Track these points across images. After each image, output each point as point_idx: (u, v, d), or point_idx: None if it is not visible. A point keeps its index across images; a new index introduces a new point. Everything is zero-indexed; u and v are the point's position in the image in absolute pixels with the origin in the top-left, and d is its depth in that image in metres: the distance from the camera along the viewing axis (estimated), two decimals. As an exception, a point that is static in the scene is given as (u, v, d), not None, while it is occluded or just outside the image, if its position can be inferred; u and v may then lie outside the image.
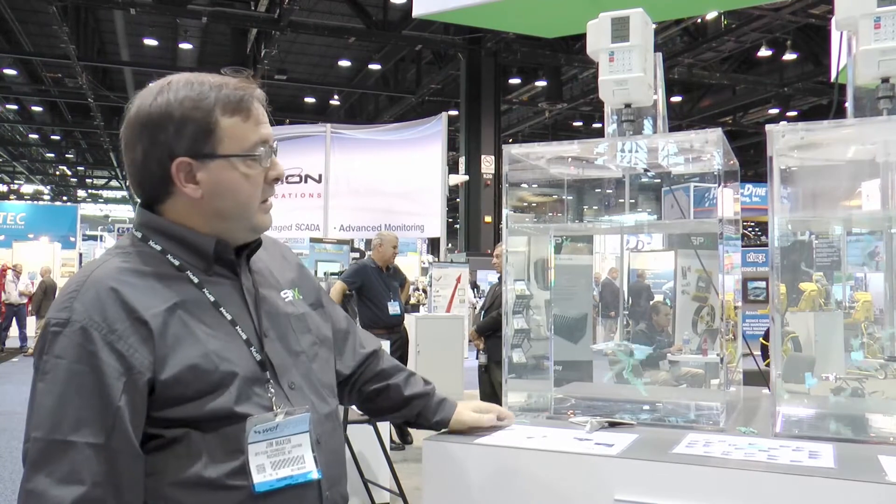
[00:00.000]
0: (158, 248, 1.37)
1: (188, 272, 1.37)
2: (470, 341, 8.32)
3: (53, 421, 1.21)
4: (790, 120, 22.90)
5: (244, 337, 1.37)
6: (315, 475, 1.37)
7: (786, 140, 1.98)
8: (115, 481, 1.21)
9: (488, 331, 6.56)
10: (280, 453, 1.34)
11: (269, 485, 1.30)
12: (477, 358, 6.99)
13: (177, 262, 1.37)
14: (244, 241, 1.45)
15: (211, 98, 1.35)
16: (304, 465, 1.36)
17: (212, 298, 1.36)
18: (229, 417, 1.29)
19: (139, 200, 1.43)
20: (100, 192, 52.29)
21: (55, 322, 1.25)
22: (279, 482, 1.32)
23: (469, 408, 1.86)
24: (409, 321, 8.97)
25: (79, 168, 45.14)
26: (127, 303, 1.27)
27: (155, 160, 1.35)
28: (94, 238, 37.53)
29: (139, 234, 1.40)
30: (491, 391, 6.48)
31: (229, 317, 1.37)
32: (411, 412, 1.79)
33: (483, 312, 7.11)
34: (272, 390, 1.36)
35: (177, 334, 1.29)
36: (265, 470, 1.31)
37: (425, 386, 1.81)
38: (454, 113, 21.86)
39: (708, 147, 2.14)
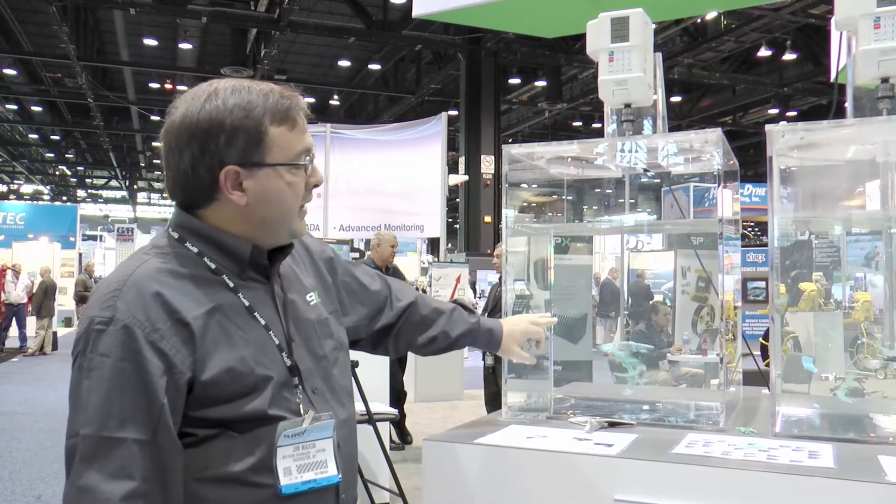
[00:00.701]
0: (195, 250, 1.38)
1: (224, 276, 1.38)
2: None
3: (102, 418, 1.22)
4: (790, 120, 22.82)
5: (276, 342, 1.39)
6: (337, 480, 1.40)
7: (785, 140, 1.98)
8: (162, 476, 1.24)
9: None
10: (305, 457, 1.37)
11: (294, 487, 1.33)
12: (483, 359, 7.03)
13: (213, 266, 1.38)
14: (279, 245, 1.46)
15: (260, 107, 1.35)
16: (327, 469, 1.39)
17: (246, 303, 1.38)
18: (262, 420, 1.32)
19: (176, 202, 1.43)
20: (99, 192, 52.31)
21: (99, 320, 1.26)
22: (303, 485, 1.35)
23: (515, 339, 2.00)
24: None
25: (78, 168, 45.13)
26: (169, 304, 1.28)
27: (204, 167, 1.35)
28: (93, 238, 37.58)
29: (176, 235, 1.40)
30: (497, 391, 6.48)
31: (263, 322, 1.38)
32: (462, 347, 1.97)
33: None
34: (300, 395, 1.39)
35: (215, 338, 1.31)
36: (291, 473, 1.34)
37: (469, 319, 1.94)
38: (454, 113, 21.84)
39: (708, 147, 2.14)
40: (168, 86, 25.70)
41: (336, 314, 1.63)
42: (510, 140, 26.85)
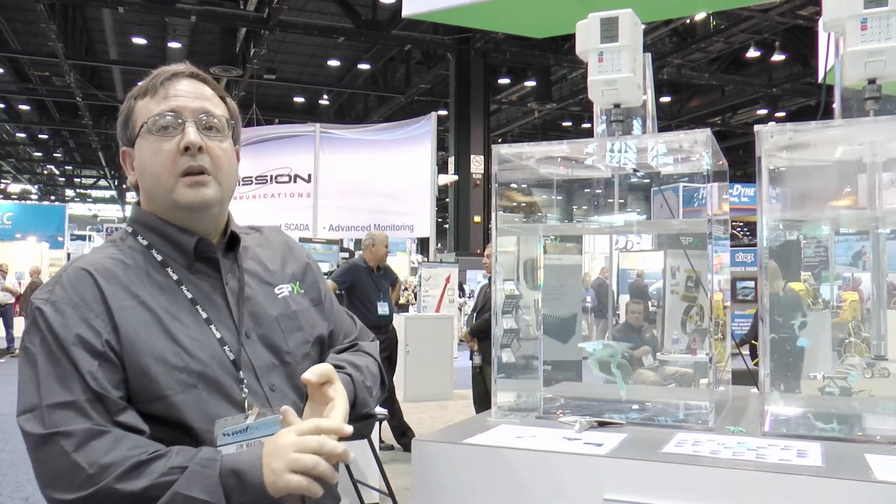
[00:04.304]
0: (145, 242, 1.41)
1: (169, 268, 1.39)
2: (461, 341, 8.23)
3: (40, 395, 1.23)
4: (778, 120, 22.99)
5: (218, 336, 1.36)
6: None
7: (774, 141, 1.99)
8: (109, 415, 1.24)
9: (481, 332, 6.57)
10: None
11: None
12: (471, 359, 7.00)
13: (160, 258, 1.39)
14: (182, 223, 1.43)
15: (134, 89, 1.45)
16: None
17: (189, 296, 1.37)
18: (198, 418, 1.29)
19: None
20: (88, 191, 51.98)
21: (37, 304, 1.30)
22: None
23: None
24: (399, 321, 8.96)
25: (67, 167, 44.86)
26: (102, 290, 1.30)
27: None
28: (82, 238, 37.35)
29: (130, 229, 1.45)
30: (485, 391, 6.50)
31: (205, 315, 1.37)
32: None
33: (476, 314, 7.12)
34: (246, 391, 1.35)
35: (149, 328, 1.30)
36: None
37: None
38: (443, 113, 21.83)
39: (697, 147, 2.15)
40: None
41: (319, 308, 1.58)
42: (499, 140, 26.85)
